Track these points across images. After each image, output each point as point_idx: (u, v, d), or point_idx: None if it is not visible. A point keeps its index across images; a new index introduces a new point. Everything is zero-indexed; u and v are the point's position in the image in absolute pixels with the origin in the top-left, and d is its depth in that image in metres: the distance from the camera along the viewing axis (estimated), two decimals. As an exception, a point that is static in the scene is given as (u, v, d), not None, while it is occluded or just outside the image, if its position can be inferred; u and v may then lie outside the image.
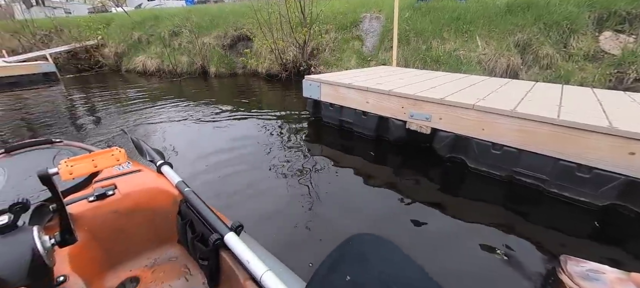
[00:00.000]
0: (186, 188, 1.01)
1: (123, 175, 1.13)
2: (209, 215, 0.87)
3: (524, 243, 1.49)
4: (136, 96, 5.11)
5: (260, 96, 4.95)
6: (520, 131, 1.86)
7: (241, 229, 0.82)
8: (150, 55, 7.61)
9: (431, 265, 1.31)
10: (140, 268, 1.03)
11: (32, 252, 0.61)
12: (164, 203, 1.08)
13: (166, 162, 1.21)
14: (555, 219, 1.70)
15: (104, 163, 0.81)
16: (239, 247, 0.74)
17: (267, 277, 0.65)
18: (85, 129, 3.48)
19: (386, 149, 2.64)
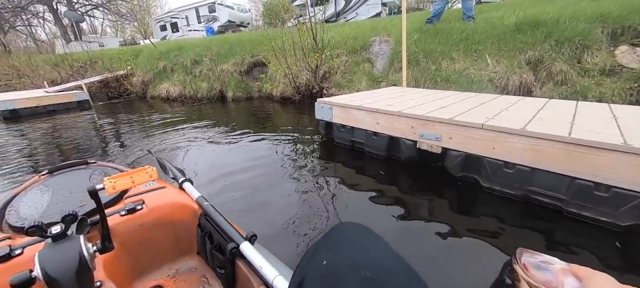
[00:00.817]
0: (205, 203, 1.12)
1: (150, 192, 1.25)
2: (225, 226, 0.96)
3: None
4: (160, 120, 5.46)
5: (274, 118, 5.15)
6: (532, 150, 1.86)
7: (255, 239, 0.90)
8: (173, 83, 8.16)
9: (447, 284, 1.31)
10: (163, 277, 1.12)
11: (79, 257, 0.71)
12: (186, 216, 1.18)
13: (187, 179, 1.34)
14: (575, 239, 1.65)
15: (139, 179, 0.93)
16: (253, 255, 0.81)
17: (278, 282, 0.71)
18: (115, 150, 3.76)
19: (397, 169, 2.67)
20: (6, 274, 0.71)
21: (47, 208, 1.15)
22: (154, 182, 1.33)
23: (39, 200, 1.20)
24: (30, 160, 3.53)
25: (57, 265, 0.69)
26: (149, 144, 3.89)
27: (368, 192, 2.27)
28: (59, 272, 0.68)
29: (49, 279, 0.67)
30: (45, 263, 0.68)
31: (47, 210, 1.14)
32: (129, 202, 1.16)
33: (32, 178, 1.41)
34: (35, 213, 1.12)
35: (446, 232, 1.74)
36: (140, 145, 3.88)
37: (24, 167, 3.28)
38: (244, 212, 2.05)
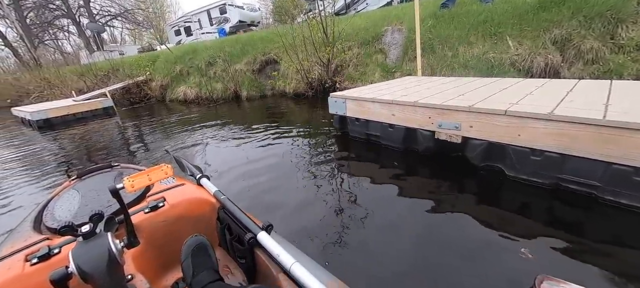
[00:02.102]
0: (222, 196, 1.16)
1: (170, 189, 1.31)
2: (243, 217, 0.99)
3: (576, 255, 1.37)
4: (178, 122, 5.65)
5: (288, 115, 5.18)
6: (561, 135, 1.74)
7: (271, 228, 0.93)
8: (190, 85, 8.40)
9: (473, 280, 1.26)
10: None
11: (108, 252, 0.76)
12: (205, 211, 1.23)
13: (204, 174, 1.39)
14: (611, 226, 1.55)
15: (156, 177, 0.98)
16: (270, 243, 0.83)
17: (295, 268, 0.73)
18: (137, 152, 3.94)
19: (415, 161, 2.61)
20: (47, 271, 0.77)
21: (79, 210, 1.22)
22: (173, 180, 1.40)
23: (71, 203, 1.28)
24: (65, 165, 3.78)
25: (89, 260, 0.74)
26: (169, 145, 4.04)
27: (385, 186, 2.23)
28: (91, 266, 0.74)
29: (82, 274, 0.72)
30: (78, 260, 0.74)
31: (79, 211, 1.21)
32: (152, 200, 1.22)
33: (64, 183, 1.50)
34: (68, 215, 1.20)
35: (470, 224, 1.68)
36: (161, 146, 4.04)
37: (60, 171, 3.51)
38: (260, 207, 2.08)
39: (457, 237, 1.60)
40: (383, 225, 1.76)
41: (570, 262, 1.35)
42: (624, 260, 1.35)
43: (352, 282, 1.32)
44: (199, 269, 0.93)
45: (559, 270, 1.32)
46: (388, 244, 1.59)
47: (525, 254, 1.39)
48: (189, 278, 0.93)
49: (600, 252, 1.40)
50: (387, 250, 1.54)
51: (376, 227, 1.74)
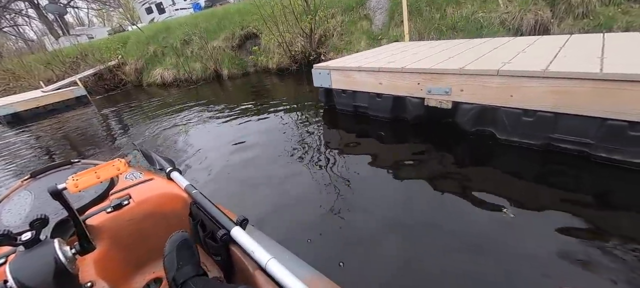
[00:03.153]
0: (194, 191, 1.07)
1: (136, 185, 1.21)
2: (215, 212, 0.92)
3: (570, 214, 1.33)
4: (158, 107, 5.34)
5: (273, 92, 4.94)
6: (555, 93, 1.65)
7: (246, 223, 0.87)
8: (166, 67, 7.90)
9: (469, 248, 1.22)
10: (162, 269, 1.07)
11: (55, 261, 0.68)
12: (176, 207, 1.15)
13: (175, 168, 1.29)
14: (603, 183, 1.52)
15: (106, 174, 0.87)
16: (244, 240, 0.79)
17: (271, 265, 0.69)
18: (113, 144, 3.70)
19: (405, 130, 2.51)
20: None
21: (30, 213, 1.09)
22: (141, 175, 1.29)
23: (22, 206, 1.13)
24: (33, 163, 3.53)
25: (31, 273, 0.65)
26: (149, 132, 3.81)
27: (375, 158, 2.14)
28: (34, 280, 0.65)
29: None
30: (17, 273, 0.65)
31: (30, 215, 1.08)
32: (115, 198, 1.11)
33: (15, 184, 1.33)
34: (17, 220, 1.06)
35: (461, 190, 1.62)
36: (140, 134, 3.81)
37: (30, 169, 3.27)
38: (248, 192, 1.97)
39: (448, 204, 1.55)
40: (374, 197, 1.68)
41: (555, 220, 1.31)
42: (613, 217, 1.32)
43: (348, 256, 1.30)
44: (184, 263, 0.87)
45: (544, 229, 1.30)
46: (380, 217, 1.52)
47: (506, 213, 1.40)
48: (173, 271, 0.87)
49: (589, 209, 1.37)
50: (379, 222, 1.48)
51: (367, 201, 1.67)
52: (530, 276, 1.11)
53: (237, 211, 1.74)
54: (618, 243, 1.16)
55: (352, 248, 1.36)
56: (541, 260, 1.15)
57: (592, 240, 1.20)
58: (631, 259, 1.09)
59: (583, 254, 1.14)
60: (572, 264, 1.12)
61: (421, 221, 1.48)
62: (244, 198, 1.91)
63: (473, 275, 1.15)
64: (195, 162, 2.60)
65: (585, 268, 1.09)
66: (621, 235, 1.20)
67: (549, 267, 1.13)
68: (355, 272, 1.24)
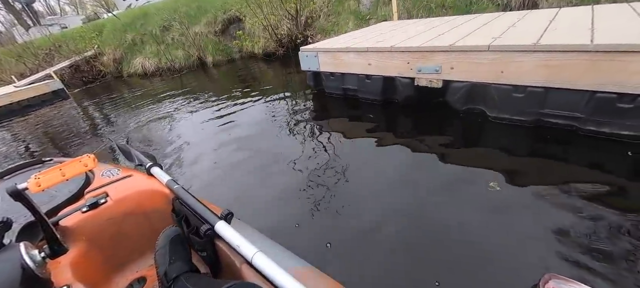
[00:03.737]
0: (176, 186, 1.03)
1: (113, 183, 1.16)
2: (199, 207, 0.90)
3: (560, 189, 1.33)
4: (140, 98, 5.12)
5: (260, 78, 4.79)
6: (546, 67, 1.62)
7: (231, 217, 0.85)
8: (146, 56, 7.53)
9: (461, 228, 1.22)
10: (146, 267, 1.08)
11: (21, 266, 0.64)
12: (158, 203, 1.11)
13: (155, 163, 1.23)
14: (590, 156, 1.53)
15: (72, 171, 0.83)
16: (229, 234, 0.77)
17: (257, 258, 0.67)
18: (93, 140, 3.53)
19: (396, 112, 2.47)
20: None
21: None
22: (118, 171, 1.23)
23: None
24: (7, 163, 3.34)
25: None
26: (131, 126, 3.65)
27: (366, 142, 2.10)
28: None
29: None
30: None
31: None
32: (90, 197, 1.06)
33: None
34: None
35: (452, 169, 1.61)
36: (120, 129, 3.65)
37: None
38: (237, 182, 1.91)
39: (437, 183, 1.53)
40: (364, 180, 1.65)
41: (544, 194, 1.32)
42: (600, 189, 1.32)
43: (342, 238, 1.28)
44: (176, 258, 0.85)
45: (531, 203, 1.30)
46: (371, 199, 1.49)
47: (493, 187, 1.41)
48: (165, 265, 0.84)
49: (577, 182, 1.38)
50: (369, 203, 1.45)
51: (357, 184, 1.64)
52: (516, 248, 1.11)
53: (226, 201, 1.71)
54: (604, 213, 1.17)
55: (342, 230, 1.34)
56: (527, 234, 1.16)
57: (578, 211, 1.20)
58: (617, 229, 1.10)
59: (569, 225, 1.15)
60: (557, 236, 1.12)
61: (411, 201, 1.46)
62: (233, 189, 1.85)
63: (461, 251, 1.15)
64: (181, 155, 2.50)
65: (569, 239, 1.09)
66: (607, 205, 1.21)
67: (534, 240, 1.13)
68: (344, 252, 1.22)
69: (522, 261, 1.07)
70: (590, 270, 0.98)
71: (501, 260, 1.09)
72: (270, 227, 1.44)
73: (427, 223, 1.31)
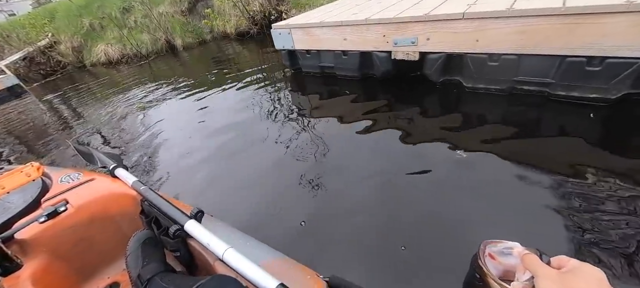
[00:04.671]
0: (142, 187, 0.99)
1: (74, 188, 1.09)
2: (167, 208, 0.87)
3: (531, 154, 1.36)
4: (106, 90, 4.76)
5: (235, 60, 4.55)
6: (520, 33, 1.60)
7: (201, 215, 0.83)
8: (108, 42, 6.94)
9: (442, 206, 1.23)
10: (119, 272, 1.05)
11: None
12: (124, 206, 1.07)
13: (119, 164, 1.17)
14: (558, 120, 1.57)
15: (12, 183, 0.80)
16: (199, 233, 0.76)
17: (228, 255, 0.66)
18: (51, 142, 3.28)
19: (374, 87, 2.42)
20: None
21: None
22: (79, 176, 1.15)
23: None
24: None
25: None
26: (97, 121, 3.41)
27: (344, 119, 2.05)
28: None
29: None
30: None
31: None
32: (48, 206, 0.98)
33: None
34: None
35: (431, 145, 1.60)
36: (85, 127, 3.40)
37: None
38: (212, 172, 1.83)
39: (418, 156, 1.53)
40: (343, 156, 1.63)
41: (510, 159, 1.35)
42: (565, 151, 1.37)
43: (317, 214, 1.29)
44: (149, 260, 0.84)
45: (495, 167, 1.35)
46: (353, 180, 1.48)
47: (460, 155, 1.45)
48: (138, 269, 0.82)
49: (546, 145, 1.42)
50: (349, 180, 1.44)
51: (337, 161, 1.61)
52: (478, 215, 1.14)
53: (201, 192, 1.65)
54: (567, 177, 1.21)
55: (318, 207, 1.33)
56: (490, 200, 1.19)
57: (542, 175, 1.24)
58: (578, 192, 1.14)
59: (532, 190, 1.18)
60: (520, 200, 1.16)
61: (384, 174, 1.47)
62: (208, 179, 1.78)
63: (426, 218, 1.18)
64: (153, 147, 2.37)
65: (531, 203, 1.13)
66: (571, 169, 1.25)
67: (498, 205, 1.16)
68: (318, 228, 1.22)
69: (483, 227, 1.10)
70: (553, 234, 1.02)
71: (462, 226, 1.12)
72: (246, 213, 1.42)
73: (398, 193, 1.34)
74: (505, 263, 0.40)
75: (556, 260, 0.36)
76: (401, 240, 1.11)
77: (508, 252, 0.40)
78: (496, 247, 0.42)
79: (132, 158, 2.29)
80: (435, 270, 0.99)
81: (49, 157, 2.77)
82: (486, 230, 1.09)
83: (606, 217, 1.03)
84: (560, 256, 0.36)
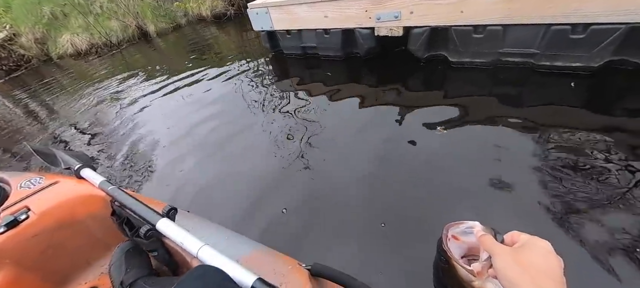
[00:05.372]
0: (110, 187, 0.94)
1: (35, 194, 1.02)
2: (138, 207, 0.83)
3: (516, 127, 1.35)
4: (77, 84, 4.46)
5: (213, 45, 4.31)
6: (506, 1, 1.54)
7: (175, 212, 0.80)
8: (74, 32, 6.43)
9: (432, 184, 1.22)
10: (97, 277, 1.02)
11: None
12: (93, 208, 1.02)
13: (85, 164, 1.09)
14: (542, 92, 1.56)
15: None
16: (172, 231, 0.73)
17: (202, 252, 0.65)
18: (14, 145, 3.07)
19: (358, 67, 2.34)
20: None
21: None
22: (41, 180, 1.08)
23: None
24: None
25: None
26: (67, 119, 3.20)
27: (328, 101, 1.98)
28: None
29: None
30: None
31: None
32: (7, 215, 0.92)
33: None
34: None
35: (418, 123, 1.56)
36: (54, 125, 3.18)
37: None
38: (195, 168, 1.75)
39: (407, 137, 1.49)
40: (325, 141, 1.58)
41: (493, 132, 1.35)
42: (547, 120, 1.36)
43: (299, 198, 1.26)
44: (132, 266, 0.83)
45: (476, 141, 1.34)
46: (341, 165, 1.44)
47: (440, 130, 1.45)
48: (120, 276, 0.81)
49: (530, 118, 1.40)
50: (332, 162, 1.41)
51: (319, 145, 1.56)
52: (456, 191, 1.14)
53: (182, 189, 1.58)
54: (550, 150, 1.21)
55: (300, 191, 1.29)
56: (469, 176, 1.18)
57: (521, 149, 1.24)
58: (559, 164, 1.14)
59: (511, 163, 1.18)
60: (497, 175, 1.15)
61: (367, 152, 1.45)
62: (190, 173, 1.70)
63: (405, 195, 1.18)
64: (130, 145, 2.24)
65: (508, 177, 1.13)
66: (548, 135, 1.25)
67: (477, 181, 1.16)
68: (301, 213, 1.19)
69: (460, 200, 1.10)
70: (529, 203, 1.02)
71: (440, 200, 1.13)
72: (227, 205, 1.38)
73: (379, 171, 1.33)
74: (468, 241, 0.42)
75: (509, 236, 0.38)
76: (381, 217, 1.10)
77: (470, 231, 0.42)
78: (458, 228, 0.44)
79: (106, 155, 2.17)
80: (412, 244, 0.99)
81: (7, 162, 2.58)
82: (463, 204, 1.09)
83: (579, 182, 1.04)
84: (512, 232, 0.38)
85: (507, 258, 0.33)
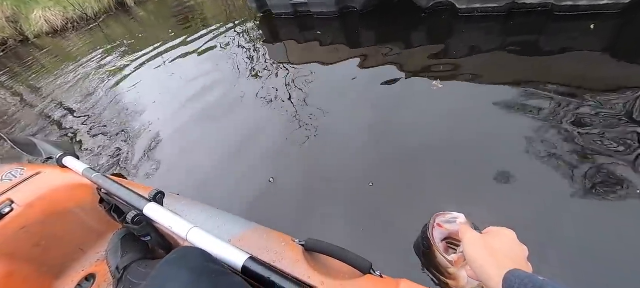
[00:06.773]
0: (94, 174, 0.91)
1: (17, 186, 1.02)
2: (123, 193, 0.82)
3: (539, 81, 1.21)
4: (57, 64, 4.20)
5: (198, 10, 3.98)
6: None
7: (162, 196, 0.78)
8: (45, 6, 5.94)
9: (400, 130, 1.17)
10: (93, 263, 1.03)
11: None
12: (81, 197, 1.01)
13: (67, 152, 1.06)
14: (561, 38, 1.39)
15: None
16: (160, 216, 0.72)
17: (192, 235, 0.65)
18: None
19: (355, 22, 2.13)
20: None
21: None
22: (22, 171, 1.07)
23: None
24: None
25: None
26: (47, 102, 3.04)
27: (330, 65, 1.81)
28: None
29: None
30: None
31: None
32: None
33: None
34: None
35: (425, 82, 1.42)
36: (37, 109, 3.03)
37: None
38: (183, 146, 1.65)
39: (415, 98, 1.37)
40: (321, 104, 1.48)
41: (530, 89, 1.21)
42: (572, 66, 1.22)
43: (288, 167, 1.21)
44: (129, 250, 0.84)
45: (476, 95, 1.25)
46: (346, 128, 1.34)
47: (436, 86, 1.37)
48: (117, 260, 0.82)
49: (550, 68, 1.27)
50: (327, 122, 1.36)
51: (314, 110, 1.47)
52: (449, 150, 1.07)
53: (172, 170, 1.50)
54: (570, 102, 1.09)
55: (291, 160, 1.25)
56: (468, 131, 1.11)
57: (527, 105, 1.12)
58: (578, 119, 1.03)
59: (519, 121, 1.07)
60: (504, 132, 1.07)
61: (363, 112, 1.37)
62: (179, 153, 1.61)
63: (395, 153, 1.13)
64: (117, 125, 2.12)
65: (515, 134, 1.02)
66: (565, 87, 1.13)
67: (473, 138, 1.08)
68: (290, 182, 1.14)
69: (452, 160, 1.03)
70: (540, 165, 0.93)
71: (431, 160, 1.06)
72: (219, 184, 1.32)
73: (373, 129, 1.26)
74: (450, 229, 0.47)
75: (484, 230, 0.40)
76: (369, 177, 1.06)
77: (453, 220, 0.47)
78: (444, 217, 0.48)
79: (92, 139, 2.06)
80: (399, 204, 0.95)
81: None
82: (456, 160, 1.02)
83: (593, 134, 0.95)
84: (489, 227, 0.40)
85: (476, 243, 0.36)
